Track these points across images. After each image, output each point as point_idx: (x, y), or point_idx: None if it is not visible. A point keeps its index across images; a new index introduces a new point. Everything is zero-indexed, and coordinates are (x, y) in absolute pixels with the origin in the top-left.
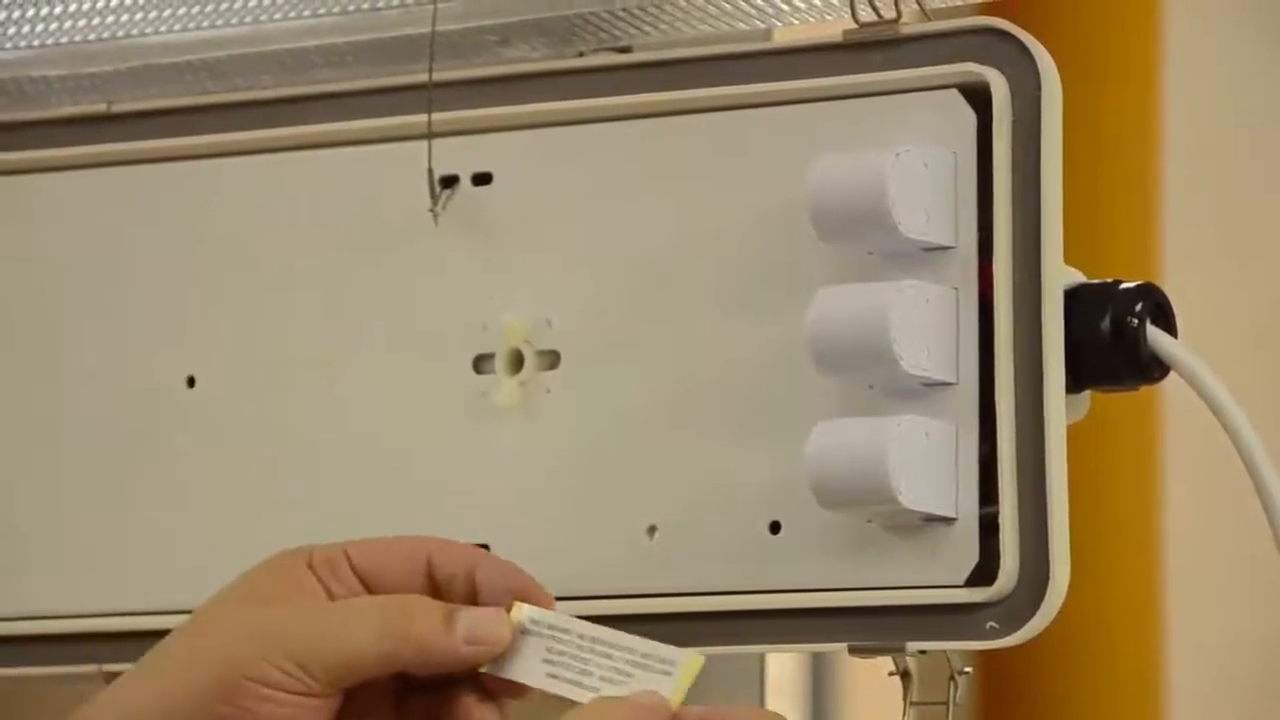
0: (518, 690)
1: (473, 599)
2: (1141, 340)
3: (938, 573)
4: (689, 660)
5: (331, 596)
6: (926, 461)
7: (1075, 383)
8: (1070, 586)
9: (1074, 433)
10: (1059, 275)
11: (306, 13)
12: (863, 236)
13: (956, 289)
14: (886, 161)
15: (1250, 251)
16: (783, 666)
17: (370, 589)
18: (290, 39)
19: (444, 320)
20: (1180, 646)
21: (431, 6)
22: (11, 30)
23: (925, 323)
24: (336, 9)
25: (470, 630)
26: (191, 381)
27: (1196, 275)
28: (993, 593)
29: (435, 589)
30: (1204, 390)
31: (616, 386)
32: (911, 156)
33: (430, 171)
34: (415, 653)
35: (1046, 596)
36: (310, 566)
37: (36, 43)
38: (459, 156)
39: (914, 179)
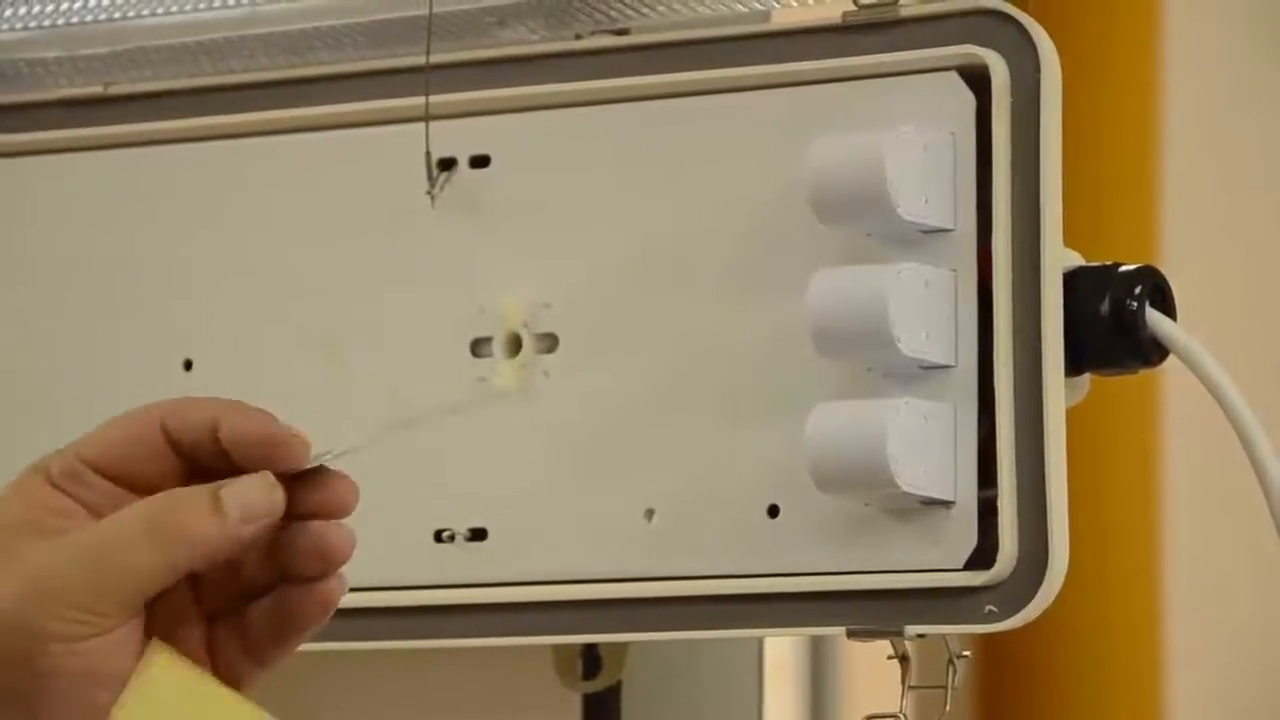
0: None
1: (225, 458)
2: (1141, 323)
3: (936, 556)
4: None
5: (87, 507)
6: (925, 445)
7: (1074, 366)
8: (1069, 570)
9: (1073, 416)
10: (1058, 258)
11: None
12: (861, 219)
13: (955, 271)
14: (885, 144)
15: (1250, 234)
16: (782, 650)
17: (121, 483)
18: (287, 21)
19: (442, 303)
20: (1179, 629)
21: None
22: (8, 12)
23: (924, 305)
24: None
25: (243, 509)
26: (189, 364)
27: (1196, 258)
28: (991, 576)
29: (184, 458)
30: (1203, 373)
31: (615, 369)
32: (910, 138)
33: (428, 154)
34: (198, 554)
35: (1045, 580)
36: (52, 483)
37: (33, 24)
38: (457, 139)
39: (913, 161)
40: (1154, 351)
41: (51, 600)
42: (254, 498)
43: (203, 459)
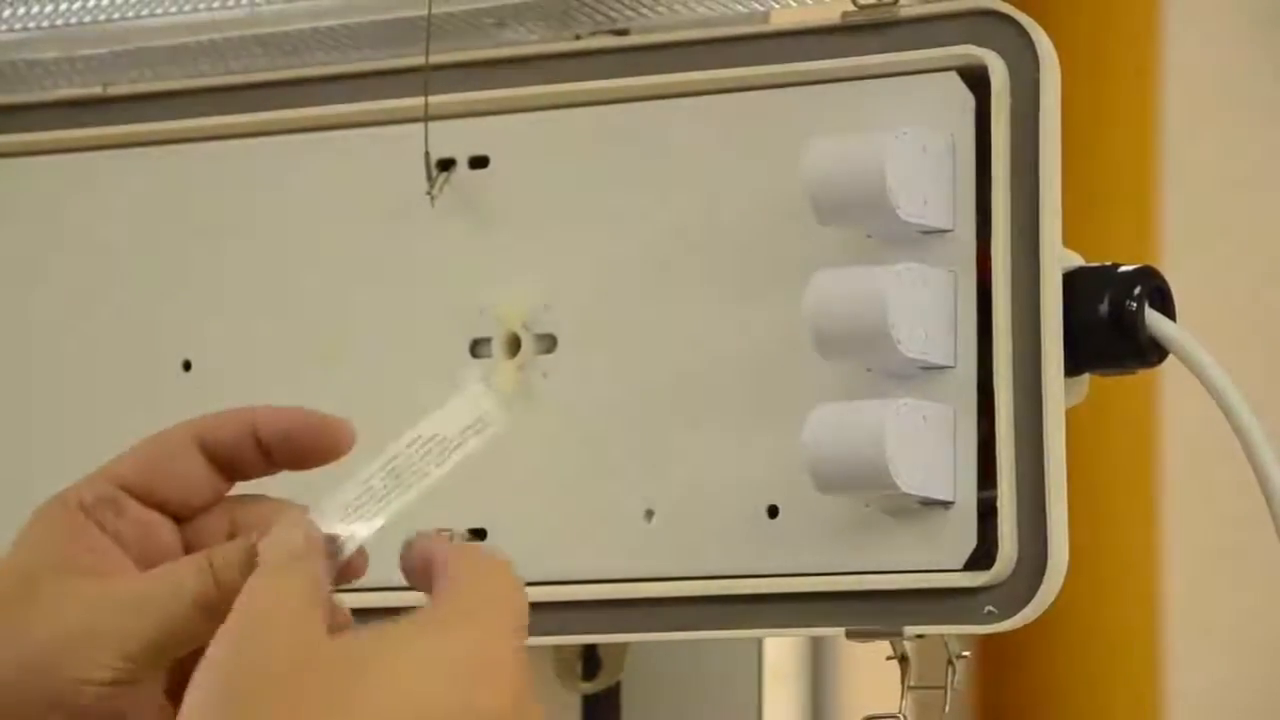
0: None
1: (267, 462)
2: (1140, 323)
3: (936, 556)
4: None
5: (120, 540)
6: (924, 445)
7: (1074, 366)
8: (1068, 571)
9: (1072, 416)
10: (1057, 258)
11: None
12: (861, 219)
13: (954, 272)
14: (885, 144)
15: (1250, 234)
16: (781, 651)
17: (154, 503)
18: (286, 21)
19: (441, 304)
20: (1179, 630)
21: None
22: (6, 13)
23: (923, 306)
24: None
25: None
26: (187, 365)
27: (1196, 258)
28: (991, 577)
29: (222, 470)
30: (1202, 374)
31: (614, 370)
32: (910, 139)
33: (427, 154)
34: (232, 601)
35: (1044, 580)
36: (85, 513)
37: (32, 25)
38: (456, 139)
39: (913, 162)
40: (1153, 352)
41: (96, 646)
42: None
43: (244, 467)
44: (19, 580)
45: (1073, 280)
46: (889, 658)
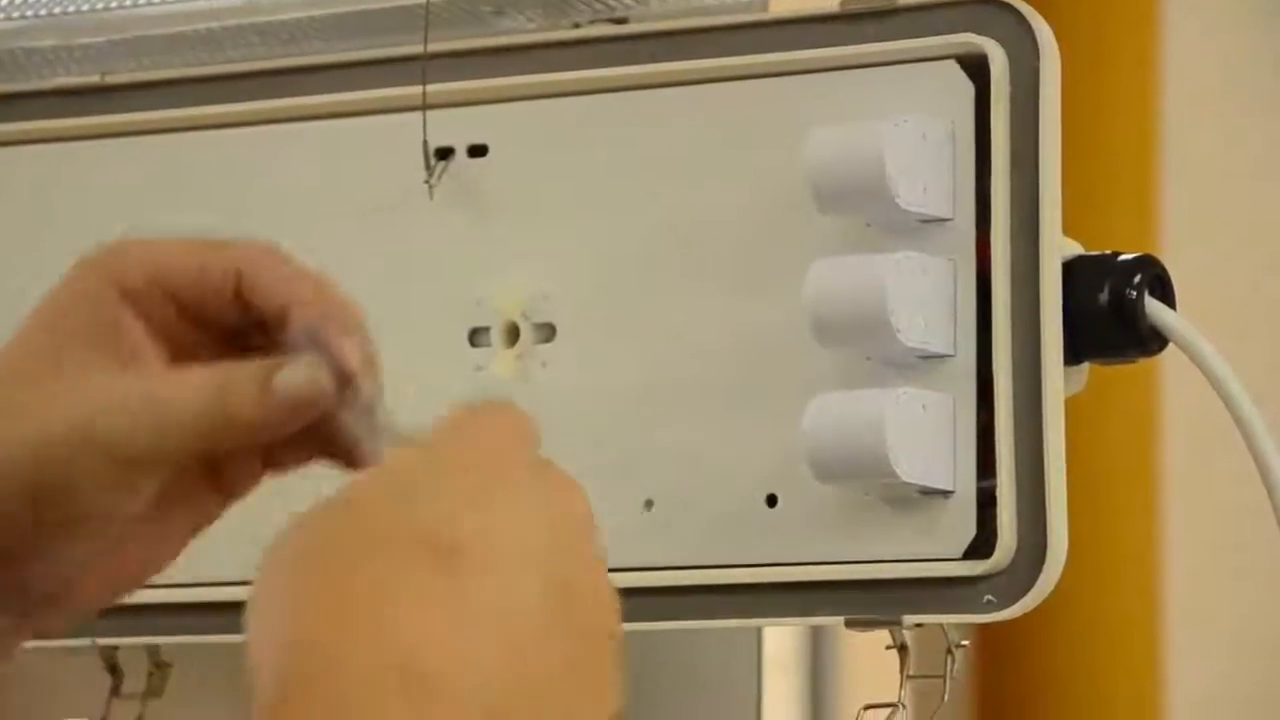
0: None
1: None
2: (1140, 312)
3: (935, 546)
4: None
5: (149, 330)
6: (924, 434)
7: (1073, 355)
8: (1068, 560)
9: (1072, 405)
10: (1057, 247)
11: None
12: (860, 208)
13: (954, 261)
14: (884, 133)
15: (1250, 222)
16: (780, 640)
17: (178, 306)
18: (284, 10)
19: (439, 293)
20: (1180, 621)
21: None
22: (4, 1)
23: (922, 295)
24: None
25: (290, 396)
26: None
27: (1196, 248)
28: (990, 565)
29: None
30: (1203, 363)
31: (613, 359)
32: (910, 127)
33: (425, 143)
34: (241, 436)
35: (1044, 569)
36: (123, 294)
37: (30, 13)
38: (454, 128)
39: (912, 150)
40: (1153, 340)
41: (102, 446)
42: (303, 385)
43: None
44: (41, 353)
45: (1072, 269)
46: (888, 647)
